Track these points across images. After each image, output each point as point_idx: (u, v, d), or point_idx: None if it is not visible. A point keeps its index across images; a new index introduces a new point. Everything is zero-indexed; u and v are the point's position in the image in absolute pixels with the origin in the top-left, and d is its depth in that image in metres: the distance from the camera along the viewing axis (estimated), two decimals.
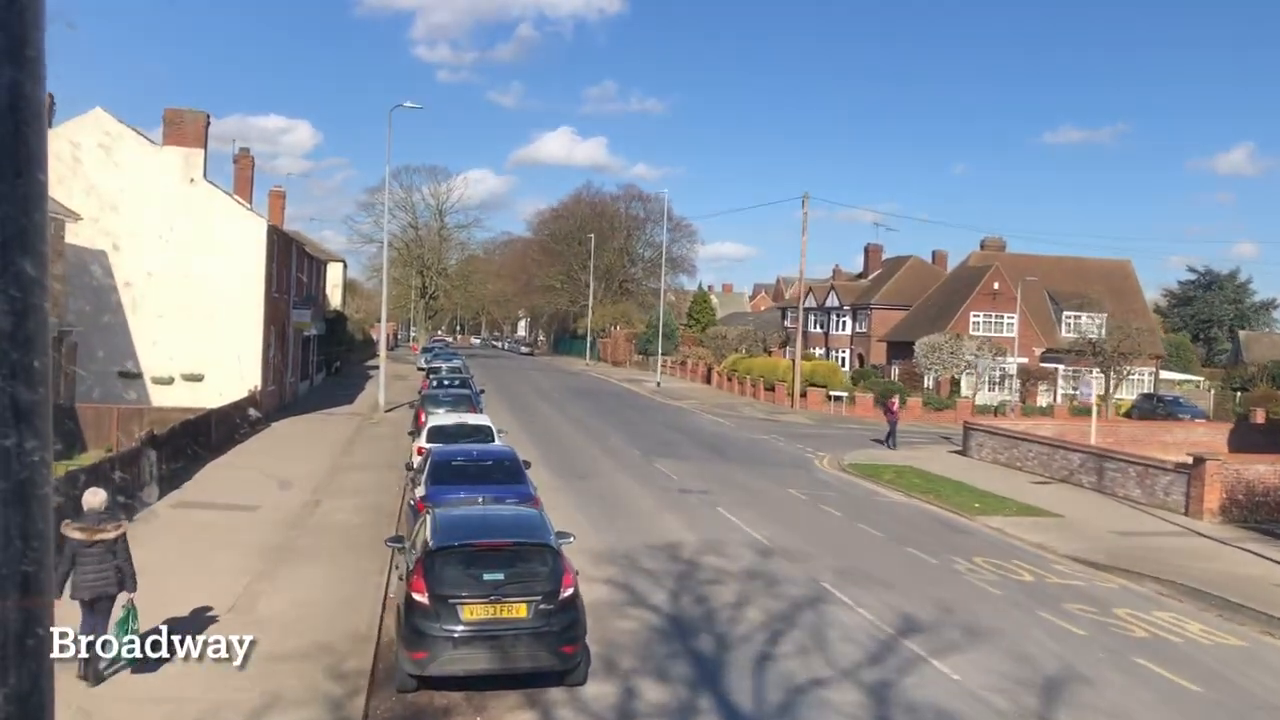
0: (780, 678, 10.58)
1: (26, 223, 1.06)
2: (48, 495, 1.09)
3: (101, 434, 25.30)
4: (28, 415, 1.07)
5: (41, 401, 1.08)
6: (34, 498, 1.08)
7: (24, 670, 1.07)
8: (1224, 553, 18.68)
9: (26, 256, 1.06)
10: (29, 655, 1.07)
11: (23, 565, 1.07)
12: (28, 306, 1.06)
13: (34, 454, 1.07)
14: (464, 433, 20.64)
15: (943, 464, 29.71)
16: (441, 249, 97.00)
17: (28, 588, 1.07)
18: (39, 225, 1.08)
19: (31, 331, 1.07)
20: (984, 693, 10.45)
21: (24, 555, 1.07)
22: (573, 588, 10.04)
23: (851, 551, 17.21)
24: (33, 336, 1.07)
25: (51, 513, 1.11)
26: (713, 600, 13.50)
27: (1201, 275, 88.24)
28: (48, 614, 1.10)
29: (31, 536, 1.07)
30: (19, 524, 1.07)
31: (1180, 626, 13.59)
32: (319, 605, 12.39)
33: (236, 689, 9.69)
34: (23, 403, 1.06)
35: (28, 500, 1.07)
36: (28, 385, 1.06)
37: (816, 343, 68.02)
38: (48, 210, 1.10)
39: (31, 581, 1.07)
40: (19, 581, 1.06)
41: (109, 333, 29.52)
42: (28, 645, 1.07)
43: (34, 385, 1.07)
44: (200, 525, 16.45)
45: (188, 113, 31.56)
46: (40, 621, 1.09)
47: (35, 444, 1.07)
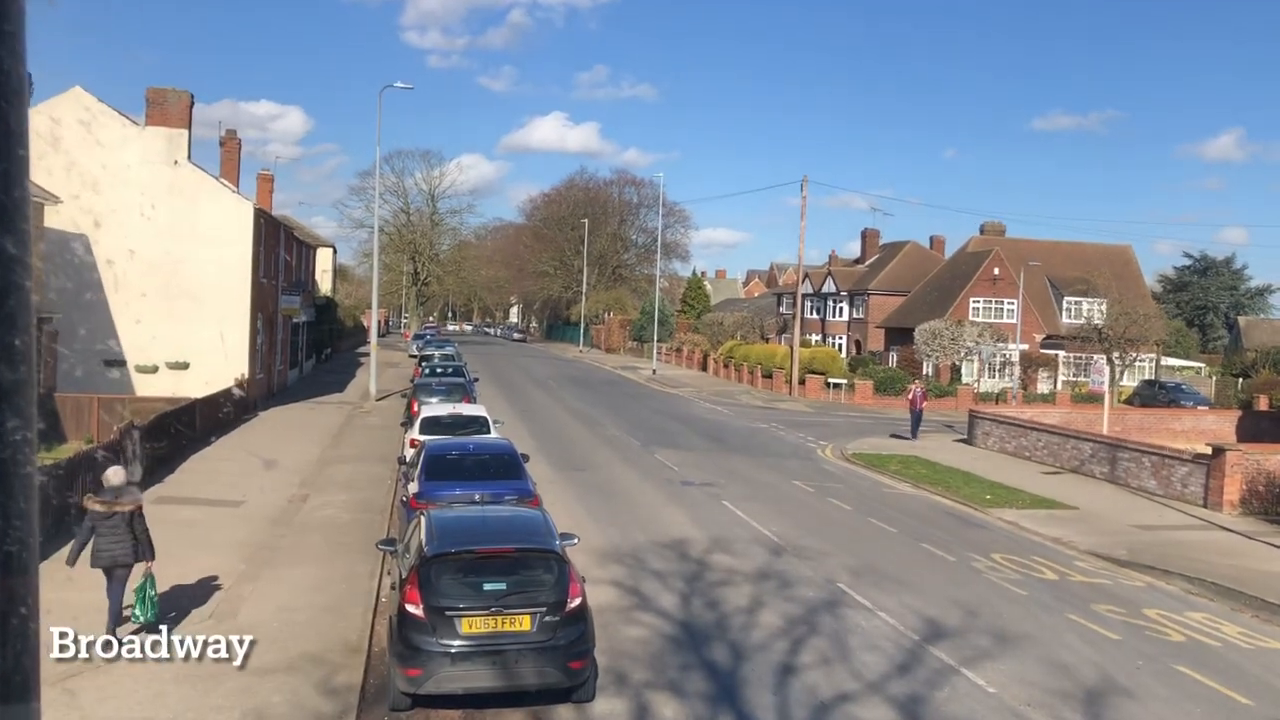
0: (804, 692, 9.81)
1: (6, 200, 1.07)
2: (31, 475, 1.09)
3: (82, 424, 24.42)
4: (9, 394, 1.07)
5: (24, 381, 1.08)
6: (16, 477, 1.08)
7: (8, 650, 1.07)
8: (1249, 548, 18.01)
9: (7, 234, 1.07)
10: (13, 635, 1.08)
11: (5, 545, 1.07)
12: (8, 285, 1.07)
13: (16, 433, 1.08)
14: (459, 424, 19.84)
15: (948, 453, 29.00)
16: (433, 234, 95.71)
17: (10, 567, 1.08)
18: (19, 202, 1.08)
19: (13, 310, 1.07)
20: (1022, 707, 9.71)
21: (6, 535, 1.07)
22: (580, 597, 9.24)
23: (865, 548, 16.47)
24: (14, 315, 1.07)
25: (36, 493, 1.11)
26: (725, 604, 12.72)
27: (1197, 261, 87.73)
28: (32, 593, 1.10)
29: (14, 516, 1.08)
30: (2, 504, 1.07)
31: (1216, 629, 12.88)
32: (306, 612, 11.59)
33: (216, 708, 8.92)
34: (4, 382, 1.07)
35: (10, 480, 1.08)
36: (9, 364, 1.07)
37: (813, 329, 67.24)
38: (29, 188, 1.10)
39: (14, 561, 1.08)
40: (2, 561, 1.07)
41: (90, 318, 28.58)
42: (12, 625, 1.08)
43: (15, 364, 1.08)
44: (181, 523, 15.59)
45: (171, 92, 30.49)
46: (24, 601, 1.09)
47: (17, 423, 1.08)
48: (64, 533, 14.37)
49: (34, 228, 1.20)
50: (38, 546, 1.13)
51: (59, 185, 26.86)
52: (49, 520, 14.30)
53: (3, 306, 1.06)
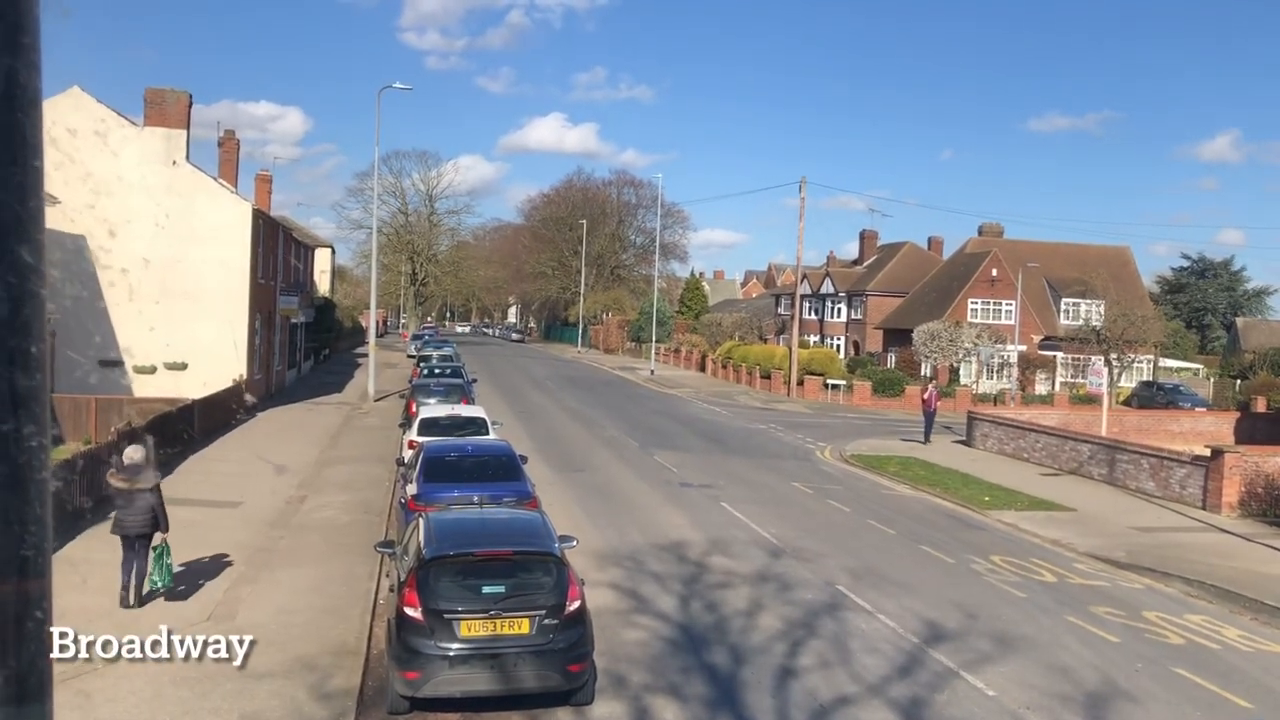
0: (804, 696, 9.79)
1: (22, 210, 1.07)
2: (46, 480, 1.10)
3: (80, 426, 24.35)
4: (25, 401, 1.08)
5: (38, 387, 1.09)
6: (32, 482, 1.09)
7: (23, 652, 1.09)
8: (1247, 550, 17.99)
9: (23, 244, 1.07)
10: (28, 637, 1.09)
11: (21, 549, 1.08)
12: (24, 293, 1.08)
13: (31, 439, 1.08)
14: (457, 425, 19.78)
15: (947, 455, 28.98)
16: (431, 235, 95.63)
17: (26, 571, 1.09)
18: (35, 213, 1.09)
19: (28, 318, 1.08)
20: (1022, 710, 9.70)
21: (22, 539, 1.08)
22: (579, 600, 9.21)
23: (864, 550, 16.44)
24: (29, 323, 1.08)
25: (50, 498, 1.11)
26: (724, 606, 12.70)
27: (1195, 263, 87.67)
28: (46, 597, 1.12)
29: (29, 521, 1.09)
30: (17, 509, 1.08)
31: (1216, 631, 12.86)
32: (303, 614, 11.55)
33: (213, 711, 8.90)
34: (20, 389, 1.08)
35: (25, 485, 1.08)
36: (25, 371, 1.08)
37: (811, 330, 67.22)
38: (44, 199, 1.11)
39: (30, 565, 1.09)
40: (18, 565, 1.08)
41: (88, 319, 28.53)
42: (27, 628, 1.09)
43: (31, 371, 1.09)
44: (178, 524, 15.51)
45: (169, 92, 30.45)
46: (38, 604, 1.10)
47: (32, 429, 1.09)
48: (67, 532, 14.36)
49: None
50: (51, 551, 1.14)
51: (57, 186, 26.82)
52: (55, 519, 14.29)
53: (19, 314, 1.07)
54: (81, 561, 12.90)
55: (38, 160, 1.09)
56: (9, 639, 1.09)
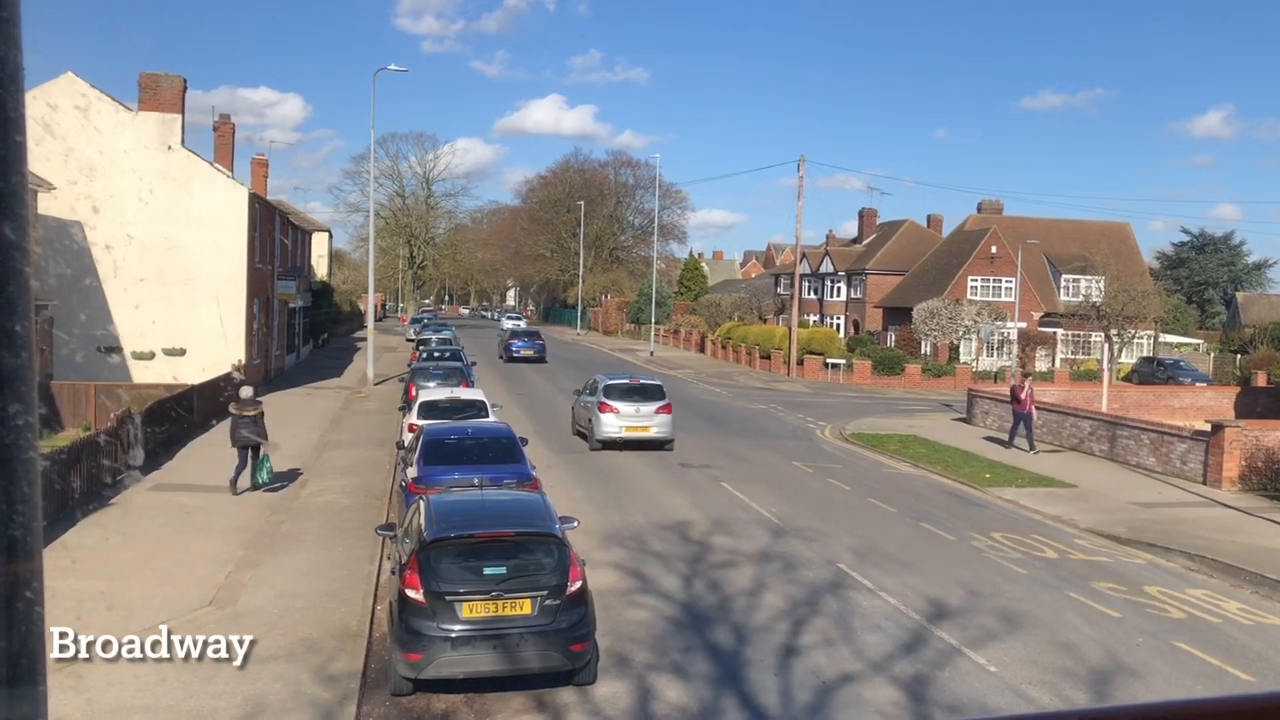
0: (807, 673, 9.80)
1: (4, 186, 1.08)
2: (34, 460, 1.10)
3: (79, 411, 24.35)
4: (11, 380, 1.08)
5: (24, 365, 1.09)
6: (19, 462, 1.09)
7: (14, 633, 1.08)
8: (1248, 524, 18.00)
9: (6, 220, 1.08)
10: (18, 618, 1.09)
11: (10, 529, 1.08)
12: (8, 270, 1.07)
13: (18, 418, 1.08)
14: (456, 408, 19.78)
15: (947, 432, 28.98)
16: (429, 218, 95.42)
17: (15, 552, 1.08)
18: (17, 188, 1.09)
19: (12, 295, 1.08)
20: (1026, 687, 9.70)
21: (10, 519, 1.08)
22: (580, 581, 9.21)
23: (866, 529, 16.45)
24: (14, 301, 1.08)
25: (39, 477, 1.11)
26: (727, 586, 12.70)
27: (1195, 237, 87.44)
28: (37, 577, 1.11)
29: (17, 501, 1.09)
30: (5, 489, 1.08)
31: (1217, 605, 12.87)
32: (305, 598, 11.56)
33: (216, 695, 8.89)
34: (5, 368, 1.07)
35: (13, 465, 1.08)
36: (10, 350, 1.08)
37: (811, 309, 67.15)
38: (27, 174, 1.11)
39: (19, 545, 1.09)
40: (6, 545, 1.08)
41: (87, 305, 28.47)
42: (17, 608, 1.09)
43: (16, 350, 1.08)
44: (179, 510, 15.57)
45: (164, 77, 30.26)
46: (29, 585, 1.10)
47: (19, 408, 1.08)
48: (65, 520, 14.36)
49: (30, 214, 1.15)
50: (41, 531, 1.14)
51: (55, 172, 26.69)
52: (52, 505, 14.27)
53: (2, 292, 1.07)
54: (75, 546, 12.91)
55: (19, 135, 1.09)
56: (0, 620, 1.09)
